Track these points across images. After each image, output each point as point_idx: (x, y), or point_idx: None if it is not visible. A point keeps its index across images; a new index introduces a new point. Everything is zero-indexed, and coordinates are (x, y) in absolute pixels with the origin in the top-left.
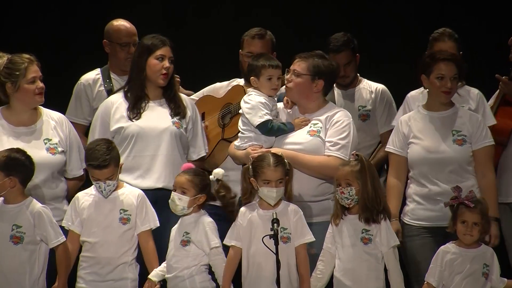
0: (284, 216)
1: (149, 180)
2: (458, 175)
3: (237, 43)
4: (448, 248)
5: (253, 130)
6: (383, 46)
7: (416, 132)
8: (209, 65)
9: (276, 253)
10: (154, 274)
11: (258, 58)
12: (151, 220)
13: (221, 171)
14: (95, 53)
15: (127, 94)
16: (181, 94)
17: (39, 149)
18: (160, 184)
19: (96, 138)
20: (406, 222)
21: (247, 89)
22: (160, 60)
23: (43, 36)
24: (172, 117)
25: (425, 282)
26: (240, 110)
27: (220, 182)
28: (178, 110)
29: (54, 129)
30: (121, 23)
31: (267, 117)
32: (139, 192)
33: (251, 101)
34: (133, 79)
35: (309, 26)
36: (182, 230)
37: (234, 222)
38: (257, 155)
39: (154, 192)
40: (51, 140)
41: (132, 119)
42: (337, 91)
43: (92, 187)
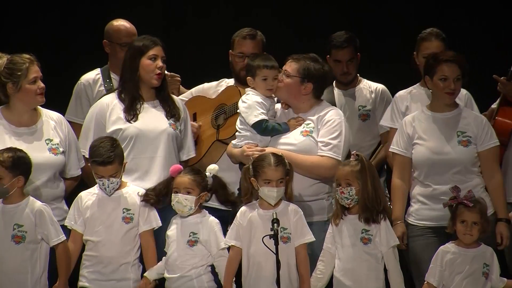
0: (284, 216)
1: (148, 181)
2: (463, 176)
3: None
4: (448, 248)
5: (249, 129)
6: (383, 46)
7: (421, 133)
8: (209, 65)
9: (276, 253)
10: (149, 273)
11: (255, 58)
12: (153, 219)
13: (216, 167)
14: (95, 53)
15: (121, 95)
16: (173, 95)
17: (41, 150)
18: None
19: (95, 138)
20: (410, 222)
21: (240, 89)
22: (153, 60)
23: (43, 36)
24: (168, 118)
25: (425, 282)
26: (238, 110)
27: (216, 178)
28: (174, 111)
29: (54, 130)
30: (121, 23)
31: (262, 117)
32: (142, 191)
33: (248, 100)
34: (126, 81)
35: (309, 26)
36: (187, 231)
37: (233, 221)
38: (258, 155)
39: None
40: (53, 140)
41: (130, 121)
42: (337, 91)
43: (95, 186)
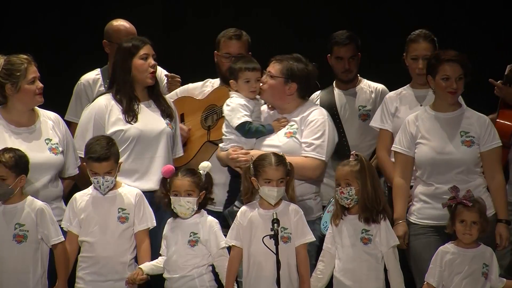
0: (284, 216)
1: (149, 182)
2: (465, 176)
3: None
4: (447, 248)
5: (234, 132)
6: (383, 46)
7: (424, 132)
8: (209, 65)
9: (276, 253)
10: (145, 265)
11: (237, 61)
12: (148, 219)
13: (209, 164)
14: (95, 53)
15: (117, 97)
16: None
17: (42, 150)
18: (158, 186)
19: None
20: (412, 221)
21: (230, 90)
22: (145, 59)
23: (43, 36)
24: (165, 118)
25: (425, 282)
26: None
27: (208, 176)
28: (169, 111)
29: (52, 129)
30: (120, 23)
31: (245, 119)
32: (137, 191)
33: (232, 103)
34: (120, 83)
35: (309, 26)
36: (187, 231)
37: (233, 221)
38: (259, 155)
39: (153, 193)
40: (52, 140)
41: (130, 122)
42: (337, 91)
43: (90, 187)
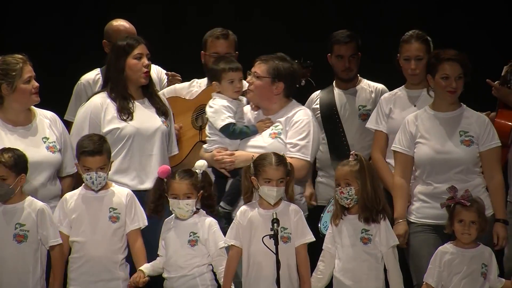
0: (284, 216)
1: (146, 181)
2: (464, 175)
3: (237, 43)
4: (446, 249)
5: (217, 134)
6: (383, 46)
7: (424, 132)
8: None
9: (276, 253)
10: (146, 267)
11: (218, 62)
12: (140, 219)
13: (205, 163)
14: (95, 53)
15: (112, 95)
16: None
17: (39, 148)
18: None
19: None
20: (411, 220)
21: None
22: (139, 59)
23: (44, 36)
24: (160, 116)
25: (424, 282)
26: (206, 115)
27: (205, 175)
28: (164, 108)
29: (49, 128)
30: (120, 23)
31: (229, 120)
32: (128, 191)
33: (215, 105)
34: (114, 82)
35: (309, 26)
36: (187, 231)
37: (233, 221)
38: (259, 154)
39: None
40: (49, 138)
41: (126, 120)
42: (337, 91)
43: (80, 187)
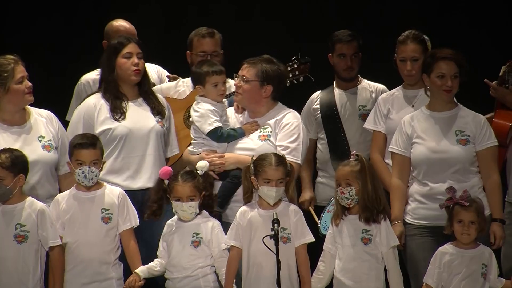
0: (284, 216)
1: (140, 180)
2: (461, 175)
3: (237, 43)
4: (446, 249)
5: (204, 137)
6: (383, 46)
7: (420, 132)
8: None
9: (277, 254)
10: (141, 270)
11: (201, 65)
12: (132, 218)
13: (206, 164)
14: (95, 53)
15: (105, 95)
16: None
17: (35, 147)
18: (150, 184)
19: None
20: (407, 221)
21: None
22: (128, 58)
23: (44, 36)
24: (155, 116)
25: (424, 283)
26: (190, 119)
27: (206, 175)
28: (159, 109)
29: (45, 126)
30: (120, 24)
31: (216, 124)
32: (119, 191)
33: (200, 109)
34: (106, 81)
35: (309, 26)
36: (190, 232)
37: (233, 222)
38: (259, 154)
39: (144, 192)
40: (45, 137)
41: (118, 120)
42: (337, 91)
43: (71, 188)
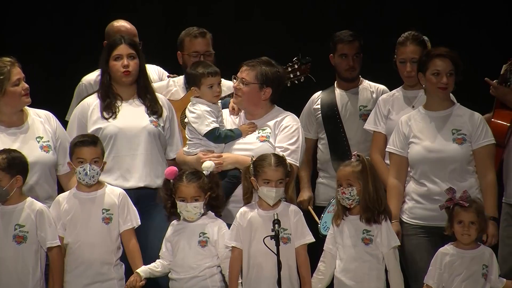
0: (284, 217)
1: (131, 180)
2: (458, 175)
3: (237, 43)
4: (447, 250)
5: (201, 138)
6: (383, 46)
7: (416, 132)
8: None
9: (277, 254)
10: (142, 270)
11: (196, 67)
12: (133, 218)
13: (212, 164)
14: (95, 53)
15: (100, 96)
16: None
17: (33, 148)
18: (141, 183)
19: None
20: (403, 220)
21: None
22: (117, 60)
23: (44, 36)
24: (149, 115)
25: (425, 284)
26: (186, 119)
27: (212, 175)
28: (155, 108)
29: (43, 127)
30: (121, 24)
31: (214, 125)
32: (120, 191)
33: (196, 110)
34: (101, 81)
35: (309, 26)
36: (197, 231)
37: (233, 223)
38: (259, 155)
39: (136, 191)
40: (43, 138)
41: (108, 119)
42: (338, 91)
43: (72, 189)
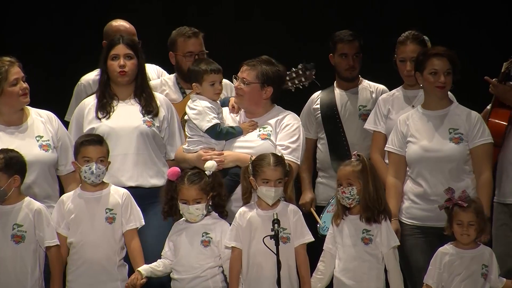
0: (284, 217)
1: (121, 179)
2: (455, 175)
3: (237, 43)
4: (447, 250)
5: (202, 135)
6: (383, 46)
7: (414, 131)
8: None
9: (277, 254)
10: (144, 268)
11: (199, 63)
12: (136, 219)
13: (214, 164)
14: (95, 53)
15: (97, 96)
16: (156, 93)
17: (32, 147)
18: (132, 183)
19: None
20: (401, 220)
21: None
22: (115, 60)
23: (44, 36)
24: (144, 115)
25: (424, 284)
26: (186, 116)
27: (214, 175)
28: (149, 108)
29: (44, 126)
30: (120, 24)
31: (215, 121)
32: (124, 191)
33: (197, 106)
34: (99, 81)
35: (309, 26)
36: (199, 232)
37: (232, 223)
38: (258, 155)
39: (128, 190)
40: (43, 137)
41: (101, 119)
42: (338, 91)
43: (77, 189)
